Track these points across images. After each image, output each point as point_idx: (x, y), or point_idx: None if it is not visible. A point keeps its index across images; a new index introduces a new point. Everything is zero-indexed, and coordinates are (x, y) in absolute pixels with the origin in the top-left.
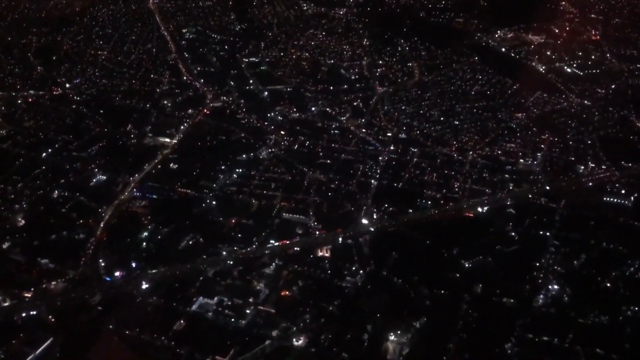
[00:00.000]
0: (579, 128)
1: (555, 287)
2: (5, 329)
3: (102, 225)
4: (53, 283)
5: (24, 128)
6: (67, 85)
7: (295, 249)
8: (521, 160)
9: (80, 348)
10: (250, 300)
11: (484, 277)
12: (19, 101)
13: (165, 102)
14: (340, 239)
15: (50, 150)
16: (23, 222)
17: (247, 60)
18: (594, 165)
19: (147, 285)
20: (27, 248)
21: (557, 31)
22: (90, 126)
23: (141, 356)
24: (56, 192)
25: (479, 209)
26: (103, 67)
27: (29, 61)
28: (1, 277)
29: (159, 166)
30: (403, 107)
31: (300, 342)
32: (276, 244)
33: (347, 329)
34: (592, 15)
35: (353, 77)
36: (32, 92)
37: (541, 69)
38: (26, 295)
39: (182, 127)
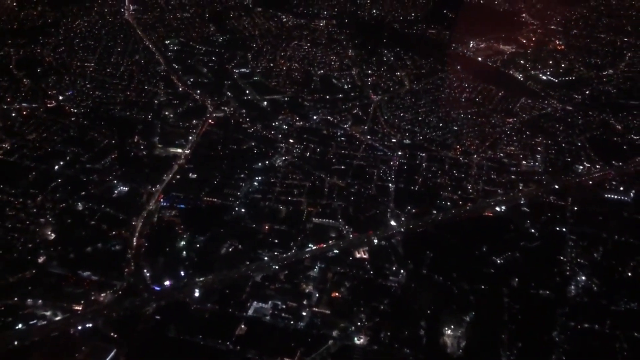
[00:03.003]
0: (567, 131)
1: (583, 278)
2: (64, 342)
3: (136, 235)
4: (102, 295)
5: (27, 141)
6: (61, 98)
7: (335, 251)
8: (523, 162)
9: (145, 358)
10: (304, 302)
11: (516, 271)
12: (13, 114)
13: (166, 113)
14: (375, 241)
15: (62, 162)
16: (53, 235)
17: (238, 71)
18: (589, 165)
19: (198, 293)
20: (65, 261)
21: (524, 41)
22: (96, 138)
23: None
24: (80, 204)
25: (497, 208)
26: (93, 79)
27: (12, 73)
28: (45, 292)
29: (178, 176)
30: (401, 114)
31: (361, 340)
32: (314, 247)
33: (402, 326)
34: (552, 27)
35: (346, 87)
36: (24, 104)
37: (519, 77)
38: (76, 308)
39: (190, 138)
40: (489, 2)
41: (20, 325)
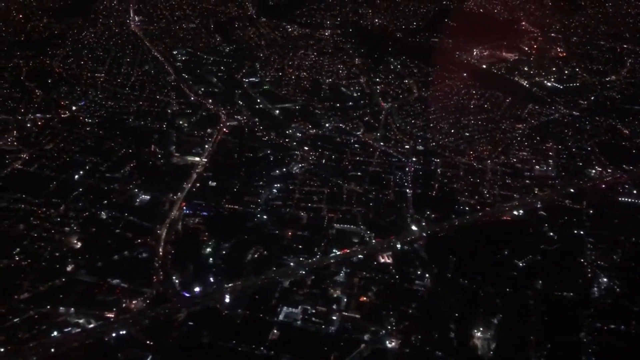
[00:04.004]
0: (576, 136)
1: (605, 280)
2: (99, 349)
3: (162, 243)
4: (133, 302)
5: (45, 151)
6: (74, 108)
7: (359, 256)
8: (536, 167)
9: None
10: (334, 307)
11: (538, 274)
12: (29, 124)
13: (180, 122)
14: (398, 246)
15: (81, 172)
16: (79, 244)
17: (247, 80)
18: (600, 169)
19: (229, 299)
20: (93, 269)
21: (526, 49)
22: (113, 147)
23: None
24: (103, 213)
25: (514, 212)
26: (104, 89)
27: (24, 84)
28: (77, 299)
29: (197, 184)
30: (412, 121)
31: (392, 344)
32: (338, 252)
33: (432, 329)
34: (552, 34)
35: (355, 94)
36: (38, 115)
37: (525, 84)
38: (108, 315)
39: (206, 146)
40: (489, 11)
41: (55, 333)
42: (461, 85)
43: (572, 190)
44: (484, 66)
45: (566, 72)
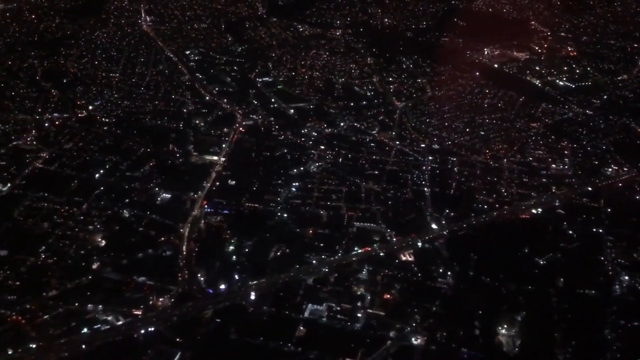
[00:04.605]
0: (590, 135)
1: (626, 277)
2: (129, 346)
3: (185, 241)
4: (160, 299)
5: (65, 150)
6: (90, 107)
7: (380, 254)
8: (553, 166)
9: None
10: (358, 304)
11: (560, 271)
12: (46, 124)
13: (197, 121)
14: (419, 244)
15: (101, 171)
16: (104, 242)
17: (261, 80)
18: (616, 167)
19: (254, 296)
20: (118, 267)
21: (537, 48)
22: (132, 147)
23: None
24: (125, 211)
25: (533, 211)
26: (120, 89)
27: (40, 84)
28: (104, 297)
29: (217, 183)
30: (427, 120)
31: (418, 341)
32: (360, 250)
33: (457, 326)
34: (562, 34)
35: (369, 94)
36: (56, 114)
37: (537, 83)
38: (136, 312)
39: (223, 145)
40: (497, 11)
41: (85, 330)
42: (474, 84)
43: (589, 188)
44: (496, 65)
45: (577, 71)
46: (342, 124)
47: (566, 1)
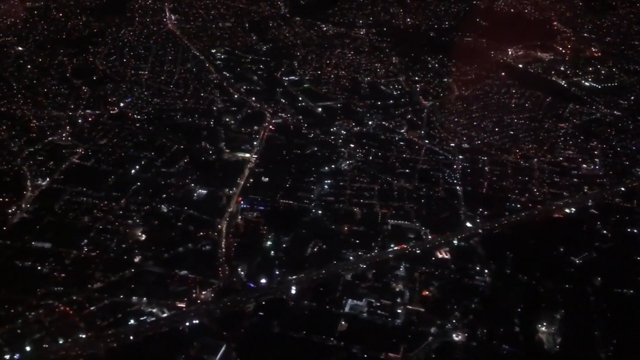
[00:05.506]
0: (620, 135)
1: None
2: (175, 338)
3: (224, 236)
4: (203, 292)
5: (100, 146)
6: (121, 105)
7: (417, 251)
8: (584, 166)
9: (254, 353)
10: (398, 300)
11: (596, 271)
12: (79, 120)
13: (227, 119)
14: (455, 242)
15: (137, 167)
16: (144, 236)
17: (287, 78)
18: None
19: (295, 290)
20: (160, 261)
21: (560, 49)
22: (165, 143)
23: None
24: (163, 206)
25: (566, 210)
26: (149, 87)
27: (71, 81)
28: (148, 289)
29: (251, 180)
30: (455, 119)
31: (459, 337)
32: (396, 248)
33: (497, 323)
34: (585, 34)
35: (395, 93)
36: (88, 111)
37: (562, 83)
38: (180, 305)
39: (255, 143)
40: (519, 11)
41: (132, 321)
42: (500, 84)
43: (622, 189)
44: (520, 66)
45: (603, 72)
46: (370, 122)
47: (588, 2)
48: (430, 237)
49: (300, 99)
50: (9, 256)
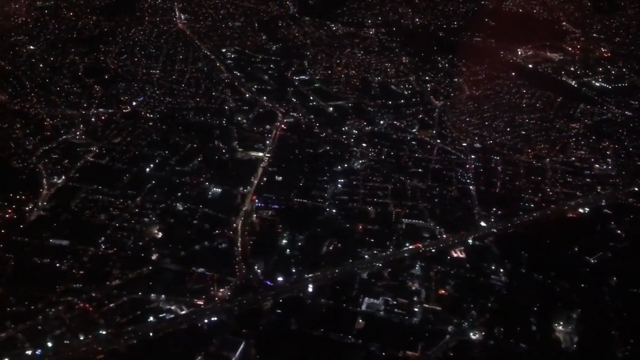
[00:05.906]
0: (631, 135)
1: None
2: (194, 334)
3: (239, 234)
4: (221, 290)
5: (114, 145)
6: (134, 103)
7: (432, 250)
8: (596, 166)
9: (273, 350)
10: (414, 299)
11: (611, 270)
12: (93, 119)
13: (239, 118)
14: (470, 241)
15: (152, 165)
16: (160, 234)
17: (297, 78)
18: None
19: (312, 288)
20: (177, 258)
21: (570, 49)
22: (178, 142)
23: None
24: (178, 204)
25: (580, 210)
26: (161, 86)
27: (83, 80)
28: (166, 287)
29: (264, 178)
30: (467, 119)
31: (477, 335)
32: (411, 246)
33: (513, 322)
34: (594, 35)
35: (406, 92)
36: (101, 110)
37: (573, 83)
38: (198, 302)
39: (267, 142)
40: (528, 11)
41: (151, 318)
42: (511, 84)
43: (635, 188)
44: (530, 66)
45: (613, 72)
46: (381, 122)
47: (597, 2)
48: (444, 236)
49: (311, 98)
50: (28, 253)
